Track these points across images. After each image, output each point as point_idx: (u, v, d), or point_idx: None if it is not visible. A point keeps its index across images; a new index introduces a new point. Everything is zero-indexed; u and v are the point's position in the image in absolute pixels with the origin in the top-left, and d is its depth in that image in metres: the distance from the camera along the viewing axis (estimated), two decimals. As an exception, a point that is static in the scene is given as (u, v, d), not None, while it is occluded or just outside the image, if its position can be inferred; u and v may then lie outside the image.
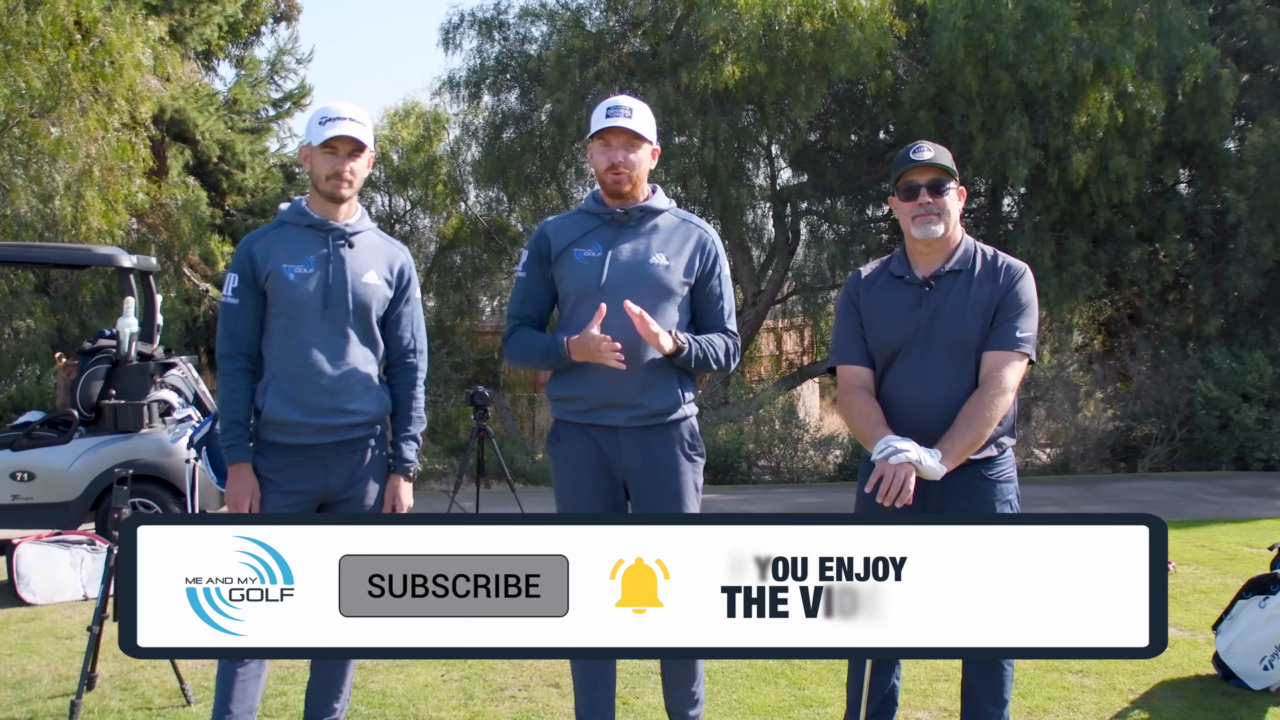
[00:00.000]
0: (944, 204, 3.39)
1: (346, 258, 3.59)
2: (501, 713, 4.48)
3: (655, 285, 3.60)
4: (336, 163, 3.54)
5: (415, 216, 19.34)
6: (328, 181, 3.55)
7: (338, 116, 3.52)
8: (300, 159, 3.75)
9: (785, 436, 14.07)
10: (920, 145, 3.47)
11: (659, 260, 3.61)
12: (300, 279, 3.53)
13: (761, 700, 4.64)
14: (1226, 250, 14.83)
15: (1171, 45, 13.44)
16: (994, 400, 3.27)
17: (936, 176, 3.40)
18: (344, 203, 3.62)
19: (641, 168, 3.64)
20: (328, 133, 3.50)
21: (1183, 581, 6.92)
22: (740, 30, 13.23)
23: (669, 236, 3.68)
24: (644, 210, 3.68)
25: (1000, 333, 3.35)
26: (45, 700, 4.59)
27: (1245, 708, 4.62)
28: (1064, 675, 5.02)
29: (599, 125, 3.59)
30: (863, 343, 3.48)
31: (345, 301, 3.56)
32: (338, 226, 3.61)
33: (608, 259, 3.61)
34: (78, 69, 11.78)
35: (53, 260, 9.49)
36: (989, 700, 3.53)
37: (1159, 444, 14.61)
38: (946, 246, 3.46)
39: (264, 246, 3.57)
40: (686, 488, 3.66)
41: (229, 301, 3.59)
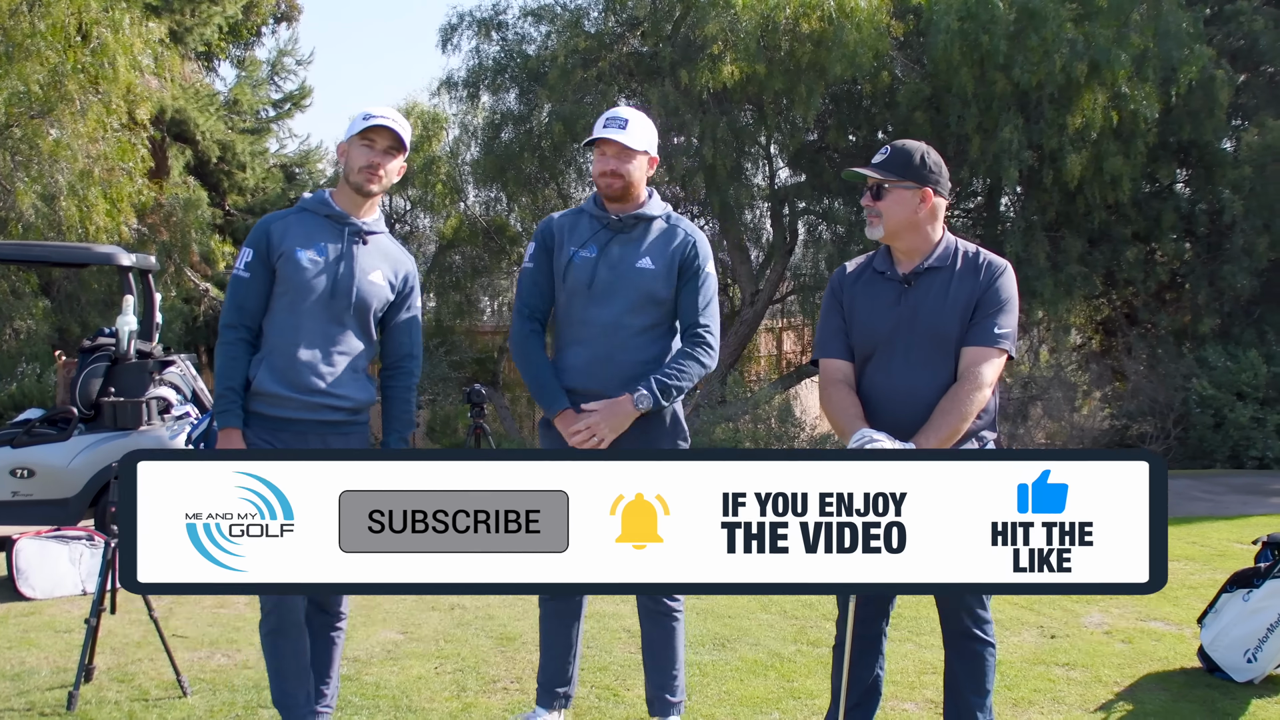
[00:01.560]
0: (883, 207, 3.46)
1: (358, 254, 3.74)
2: (494, 704, 4.54)
3: (639, 289, 3.83)
4: (372, 155, 3.68)
5: (415, 216, 19.39)
6: (360, 172, 3.69)
7: (382, 114, 3.70)
8: (338, 154, 3.94)
9: (782, 435, 14.12)
10: (884, 148, 3.54)
11: (645, 265, 3.83)
12: (312, 264, 3.66)
13: (750, 692, 4.70)
14: (1222, 250, 14.86)
15: (1168, 46, 13.49)
16: (970, 395, 3.32)
17: (879, 180, 3.46)
18: (370, 198, 3.77)
19: (634, 177, 3.83)
20: (369, 123, 3.67)
21: (1172, 577, 6.87)
22: (739, 31, 13.28)
23: (656, 241, 3.88)
24: (637, 217, 3.87)
25: (979, 329, 3.41)
26: (44, 692, 4.65)
27: (1229, 699, 4.67)
28: (1050, 668, 5.08)
29: (595, 134, 3.81)
30: (845, 337, 3.55)
31: (349, 294, 3.69)
32: (355, 222, 3.75)
33: (599, 262, 3.81)
34: (76, 71, 11.84)
35: (53, 259, 9.54)
36: (971, 690, 3.58)
37: (1154, 442, 14.65)
38: (924, 245, 3.51)
39: (282, 228, 3.71)
40: None
41: (240, 275, 3.70)
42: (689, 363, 3.84)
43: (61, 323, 16.00)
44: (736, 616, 5.94)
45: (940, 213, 3.56)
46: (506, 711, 4.44)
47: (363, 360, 3.81)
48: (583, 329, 3.85)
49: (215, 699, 4.55)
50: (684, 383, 3.81)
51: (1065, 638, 5.59)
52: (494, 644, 5.41)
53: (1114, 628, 5.79)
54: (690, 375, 3.83)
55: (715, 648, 5.35)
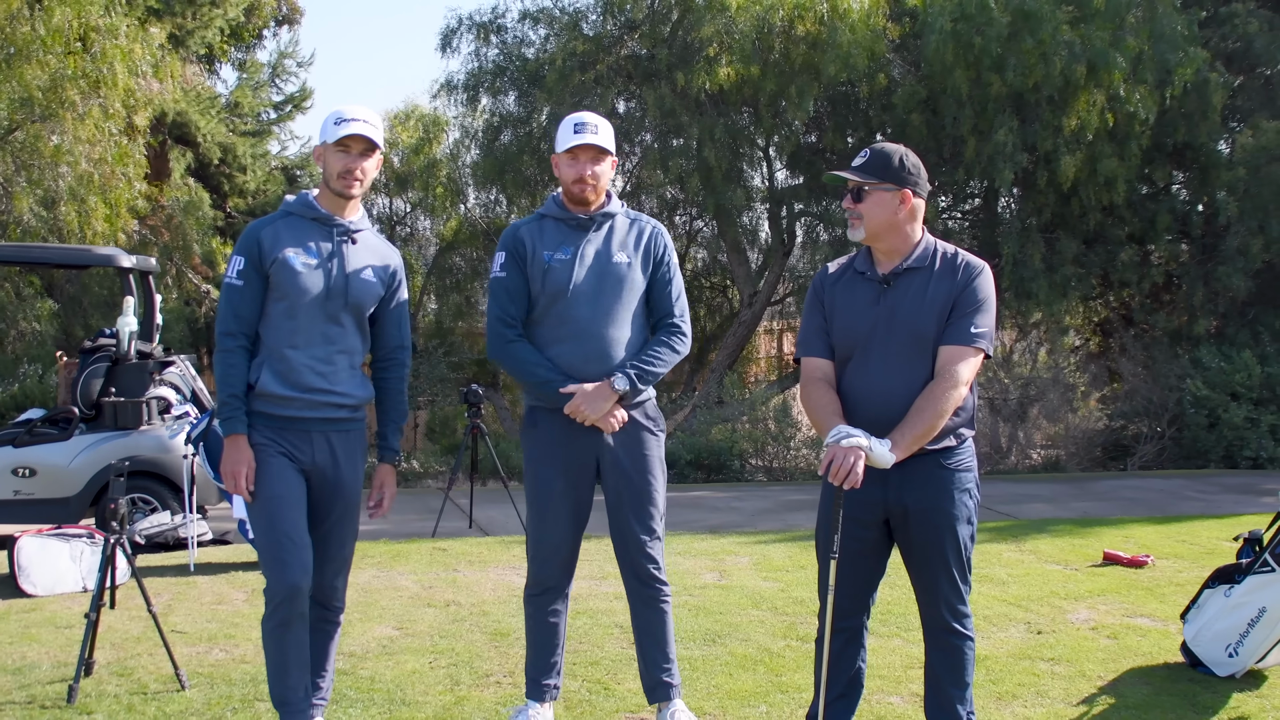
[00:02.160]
0: (863, 209, 3.53)
1: (349, 254, 3.82)
2: (486, 698, 4.61)
3: (619, 282, 4.01)
4: (349, 161, 3.75)
5: (415, 218, 19.48)
6: (339, 179, 3.76)
7: (352, 118, 3.74)
8: (314, 157, 4.00)
9: (778, 436, 14.19)
10: (863, 151, 3.63)
11: (620, 259, 4.02)
12: (306, 268, 3.72)
13: (739, 686, 4.77)
14: (1217, 251, 14.91)
15: (1163, 49, 13.55)
16: (946, 393, 3.40)
17: (859, 182, 3.54)
18: (352, 200, 3.84)
19: (604, 179, 4.04)
20: (342, 131, 3.71)
21: (1159, 574, 7.05)
22: (734, 33, 13.37)
23: (625, 236, 4.08)
24: (604, 215, 4.06)
25: (956, 328, 3.48)
26: (44, 686, 4.73)
27: (1209, 693, 4.74)
28: (1035, 663, 5.15)
29: (568, 142, 3.97)
30: (826, 336, 3.63)
31: (344, 294, 3.79)
32: (342, 223, 3.83)
33: (576, 261, 3.97)
34: (77, 76, 11.92)
35: (54, 261, 9.65)
36: (950, 683, 3.65)
37: (1149, 443, 14.72)
38: (903, 245, 3.59)
39: (272, 234, 3.76)
40: (652, 459, 4.09)
41: (233, 283, 3.76)
42: (664, 350, 4.05)
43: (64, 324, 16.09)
44: (727, 612, 6.02)
45: (919, 214, 3.63)
46: (499, 705, 4.51)
47: (359, 358, 3.93)
48: (567, 328, 3.97)
49: (213, 692, 4.63)
50: (659, 369, 4.03)
51: (1052, 633, 5.66)
52: (488, 639, 5.49)
53: (1100, 624, 5.86)
54: (666, 362, 4.06)
55: (705, 643, 5.42)
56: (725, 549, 7.88)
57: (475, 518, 9.21)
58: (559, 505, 4.02)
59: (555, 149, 4.06)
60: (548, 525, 4.05)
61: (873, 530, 3.60)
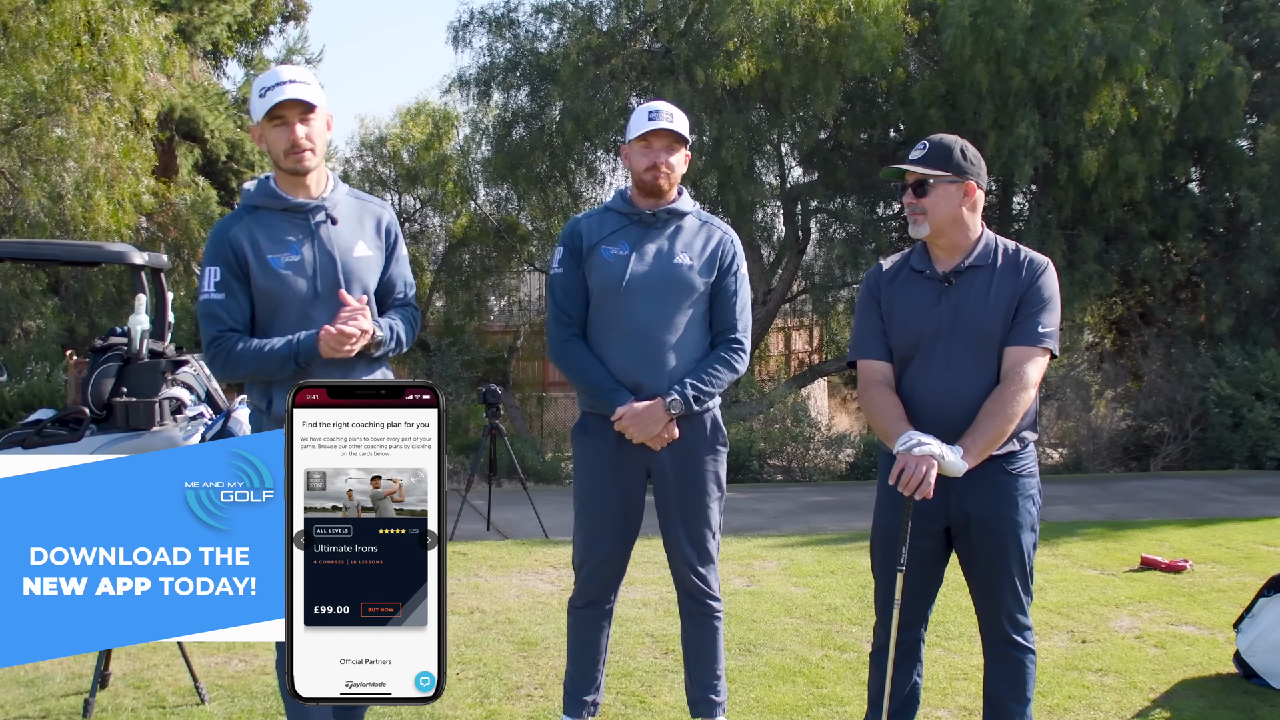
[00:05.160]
0: (928, 204, 3.35)
1: (332, 236, 3.37)
2: (518, 711, 4.45)
3: (679, 284, 3.76)
4: (289, 133, 3.24)
5: (425, 215, 19.31)
6: (288, 157, 3.27)
7: (276, 82, 3.22)
8: (255, 142, 3.51)
9: (797, 435, 14.01)
10: (920, 143, 3.43)
11: (683, 260, 3.77)
12: (291, 268, 3.31)
13: (780, 699, 4.60)
14: (1239, 248, 14.75)
15: (1186, 42, 13.36)
16: (1016, 396, 3.24)
17: (919, 177, 3.36)
18: (310, 173, 3.34)
19: (678, 170, 3.79)
20: (269, 102, 3.20)
21: (1199, 580, 6.87)
22: (754, 27, 13.18)
23: (692, 238, 3.82)
24: (670, 212, 3.82)
25: (1022, 328, 3.32)
26: (59, 699, 4.56)
27: (1268, 707, 4.57)
28: (1083, 674, 4.98)
29: (642, 128, 3.73)
30: (883, 337, 3.46)
31: (338, 283, 3.35)
32: (314, 204, 3.36)
33: (632, 258, 3.74)
34: (84, 69, 11.77)
35: (64, 258, 9.49)
36: (1011, 698, 3.50)
37: (1171, 443, 14.52)
38: (965, 241, 3.42)
39: (245, 235, 3.32)
40: (707, 477, 3.83)
41: (213, 297, 3.31)
42: (721, 368, 3.81)
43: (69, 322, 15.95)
44: (761, 620, 5.85)
45: (980, 207, 3.46)
46: (532, 719, 4.35)
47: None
48: (620, 328, 3.76)
49: (234, 706, 4.47)
50: (716, 388, 3.80)
51: (1096, 643, 5.49)
52: (515, 649, 5.32)
53: (1145, 632, 5.68)
54: (723, 381, 3.82)
55: (741, 652, 5.25)
56: (751, 553, 7.70)
57: (493, 520, 9.05)
58: (609, 517, 3.84)
59: (626, 138, 3.83)
60: (596, 537, 3.87)
61: (932, 539, 3.44)
